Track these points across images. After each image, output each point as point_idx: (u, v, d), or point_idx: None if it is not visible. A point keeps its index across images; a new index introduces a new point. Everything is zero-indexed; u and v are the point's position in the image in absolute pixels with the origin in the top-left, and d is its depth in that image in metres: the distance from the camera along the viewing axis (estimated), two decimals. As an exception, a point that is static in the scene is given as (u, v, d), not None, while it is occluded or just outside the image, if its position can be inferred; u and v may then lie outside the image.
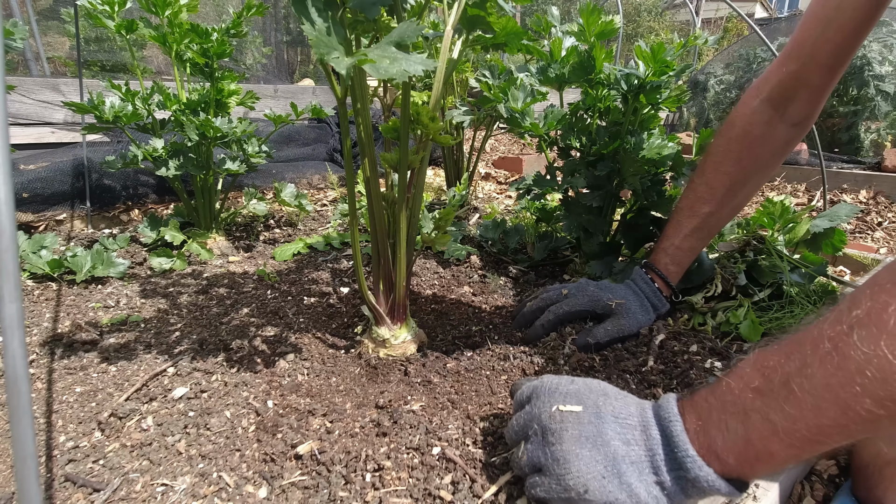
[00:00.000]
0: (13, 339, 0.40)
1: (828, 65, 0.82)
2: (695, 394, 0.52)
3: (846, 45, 0.79)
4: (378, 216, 0.83)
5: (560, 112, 1.24)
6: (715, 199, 0.92)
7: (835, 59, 0.81)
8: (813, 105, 0.87)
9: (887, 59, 2.98)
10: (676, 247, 0.96)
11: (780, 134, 0.88)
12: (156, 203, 1.93)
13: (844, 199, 2.41)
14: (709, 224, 0.94)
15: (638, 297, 0.96)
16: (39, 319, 1.08)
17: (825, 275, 1.06)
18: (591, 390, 0.57)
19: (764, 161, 0.91)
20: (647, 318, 0.95)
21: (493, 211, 1.91)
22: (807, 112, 0.87)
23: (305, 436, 0.70)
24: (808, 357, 0.43)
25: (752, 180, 0.93)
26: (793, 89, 0.85)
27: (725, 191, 0.91)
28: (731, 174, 0.91)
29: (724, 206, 0.93)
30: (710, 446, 0.47)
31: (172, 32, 1.38)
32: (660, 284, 0.98)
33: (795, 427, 0.43)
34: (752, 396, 0.46)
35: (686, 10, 9.13)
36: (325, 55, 0.54)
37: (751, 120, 0.89)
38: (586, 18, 1.14)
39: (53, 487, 0.63)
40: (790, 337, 0.47)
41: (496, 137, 3.97)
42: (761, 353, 0.48)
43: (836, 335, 0.42)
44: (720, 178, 0.92)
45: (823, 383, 0.41)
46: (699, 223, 0.94)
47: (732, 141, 0.91)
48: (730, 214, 0.96)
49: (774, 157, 0.92)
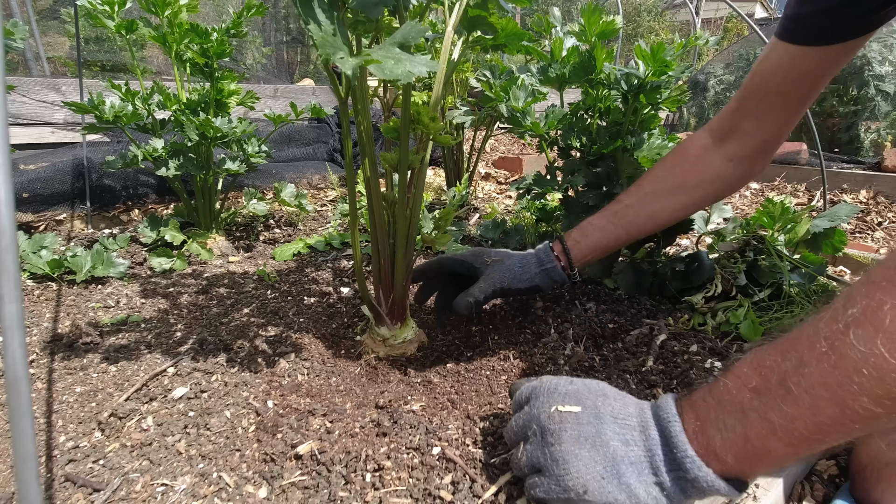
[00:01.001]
0: (13, 339, 0.40)
1: (754, 114, 0.86)
2: (693, 394, 0.52)
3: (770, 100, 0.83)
4: (378, 216, 0.83)
5: (561, 112, 1.24)
6: (637, 194, 0.96)
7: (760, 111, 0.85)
8: (745, 148, 0.89)
9: (887, 59, 2.98)
10: (590, 222, 0.98)
11: (715, 163, 0.91)
12: (156, 203, 1.93)
13: (844, 199, 2.41)
14: (624, 212, 0.96)
15: (523, 254, 0.98)
16: (39, 319, 1.08)
17: (825, 275, 1.06)
18: (590, 391, 0.57)
19: (691, 182, 0.94)
20: (527, 271, 0.95)
21: (493, 211, 1.91)
22: (740, 152, 0.90)
23: (305, 436, 0.70)
24: (805, 356, 0.43)
25: (675, 195, 0.95)
26: (727, 127, 0.90)
27: (650, 191, 0.95)
28: (658, 177, 0.95)
29: (642, 204, 0.95)
30: (709, 446, 0.47)
31: (172, 32, 1.38)
32: (558, 250, 0.97)
33: (793, 426, 0.43)
34: (750, 396, 0.46)
35: (686, 10, 9.13)
36: (330, 55, 0.54)
37: (692, 140, 0.94)
38: (587, 18, 1.14)
39: (53, 487, 0.63)
40: (786, 335, 0.47)
41: (496, 137, 3.97)
42: (758, 352, 0.48)
43: (833, 334, 0.42)
44: (650, 179, 0.96)
45: (821, 382, 0.41)
46: (617, 209, 0.97)
47: (672, 153, 0.97)
48: (647, 219, 0.97)
49: (703, 185, 0.94)
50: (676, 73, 1.05)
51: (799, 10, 0.75)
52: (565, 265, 0.96)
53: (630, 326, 1.00)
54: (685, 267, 1.12)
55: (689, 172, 0.93)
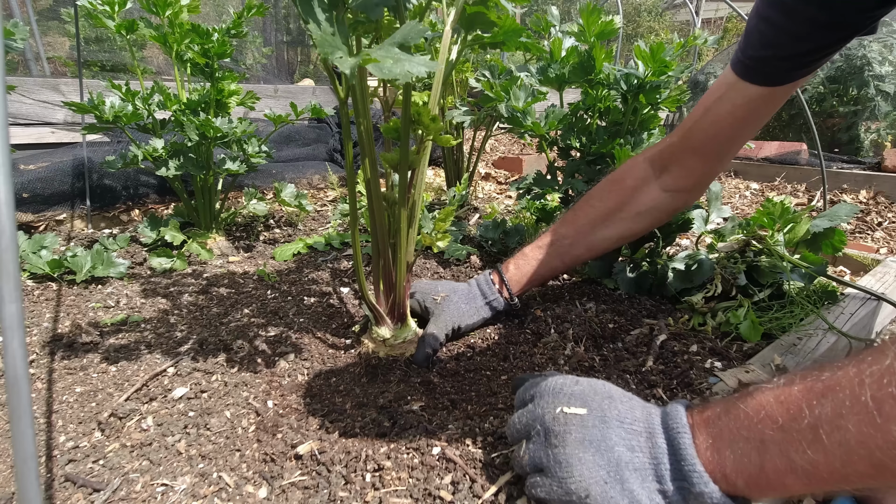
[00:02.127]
0: (13, 339, 0.40)
1: (699, 150, 0.85)
2: (706, 409, 0.51)
3: (718, 137, 0.83)
4: (378, 216, 0.83)
5: (561, 112, 1.24)
6: (575, 224, 0.97)
7: (706, 147, 0.84)
8: (685, 180, 0.89)
9: (887, 59, 2.98)
10: (523, 253, 1.00)
11: (652, 194, 0.92)
12: (156, 203, 1.93)
13: (844, 199, 2.41)
14: (560, 244, 0.97)
15: (468, 289, 0.98)
16: (39, 319, 1.08)
17: (825, 275, 1.06)
18: (597, 392, 0.56)
19: (629, 213, 0.93)
20: (474, 307, 0.96)
21: (493, 211, 1.91)
22: (679, 184, 0.90)
23: (305, 436, 0.70)
24: (845, 409, 0.41)
25: (611, 225, 0.95)
26: (667, 160, 0.90)
27: (585, 222, 0.96)
28: (595, 208, 0.95)
29: (580, 235, 0.96)
30: (720, 465, 0.47)
31: (173, 32, 1.38)
32: (494, 278, 1.00)
33: (817, 471, 0.42)
34: (773, 430, 0.45)
35: (686, 10, 9.13)
36: (329, 55, 0.54)
37: (630, 170, 0.94)
38: (586, 18, 1.14)
39: (53, 487, 0.63)
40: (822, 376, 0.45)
41: (496, 137, 3.97)
42: (787, 388, 0.46)
43: (882, 396, 0.39)
44: (586, 208, 0.96)
45: (858, 440, 0.39)
46: (552, 239, 0.98)
47: (608, 181, 0.96)
48: (585, 250, 0.98)
49: (641, 215, 0.94)
50: (676, 73, 1.05)
51: (766, 52, 0.73)
52: (506, 296, 0.99)
53: (630, 326, 1.00)
54: (685, 267, 1.12)
55: (627, 203, 0.93)
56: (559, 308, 1.05)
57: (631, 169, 0.94)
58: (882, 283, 1.15)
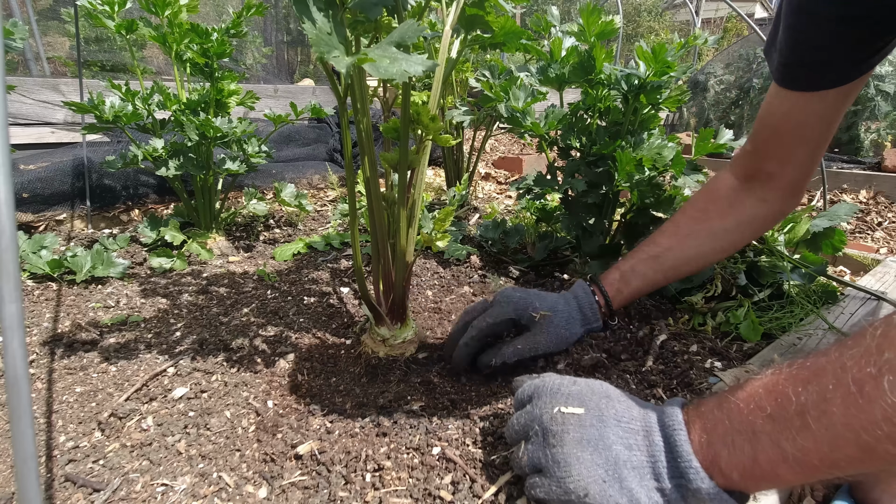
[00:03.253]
0: (13, 339, 0.40)
1: (774, 156, 0.83)
2: (701, 404, 0.52)
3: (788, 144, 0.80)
4: (378, 216, 0.83)
5: (561, 112, 1.24)
6: (676, 235, 0.92)
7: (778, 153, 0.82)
8: (774, 188, 0.86)
9: (887, 60, 2.98)
10: (631, 267, 0.92)
11: (748, 203, 0.88)
12: (156, 203, 1.93)
13: (844, 199, 2.41)
14: (665, 256, 0.91)
15: (568, 309, 0.88)
16: (39, 319, 1.08)
17: (825, 275, 1.06)
18: (594, 392, 0.56)
19: (729, 223, 0.89)
20: (572, 332, 0.87)
21: (493, 211, 1.91)
22: (771, 193, 0.86)
23: (305, 436, 0.70)
24: (829, 392, 0.42)
25: (714, 237, 0.90)
26: (752, 170, 0.86)
27: (687, 232, 0.91)
28: (694, 219, 0.91)
29: (683, 245, 0.91)
30: (715, 460, 0.47)
31: (172, 32, 1.38)
32: (600, 299, 0.91)
33: (807, 458, 0.42)
34: (763, 420, 0.45)
35: (686, 10, 9.13)
36: (325, 54, 0.54)
37: (722, 179, 0.91)
38: (586, 18, 1.14)
39: (53, 487, 0.63)
40: (806, 363, 0.45)
41: (496, 137, 3.97)
42: (775, 377, 0.47)
43: (863, 377, 0.40)
44: (685, 219, 0.92)
45: (844, 422, 0.40)
46: (657, 252, 0.92)
47: (704, 192, 0.93)
48: (685, 261, 0.91)
49: (740, 226, 0.89)
50: (678, 74, 1.05)
51: (790, 58, 0.72)
52: (605, 313, 0.93)
53: (630, 326, 1.00)
54: (685, 267, 1.12)
55: (726, 214, 0.89)
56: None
57: (721, 181, 0.91)
58: (882, 283, 1.15)
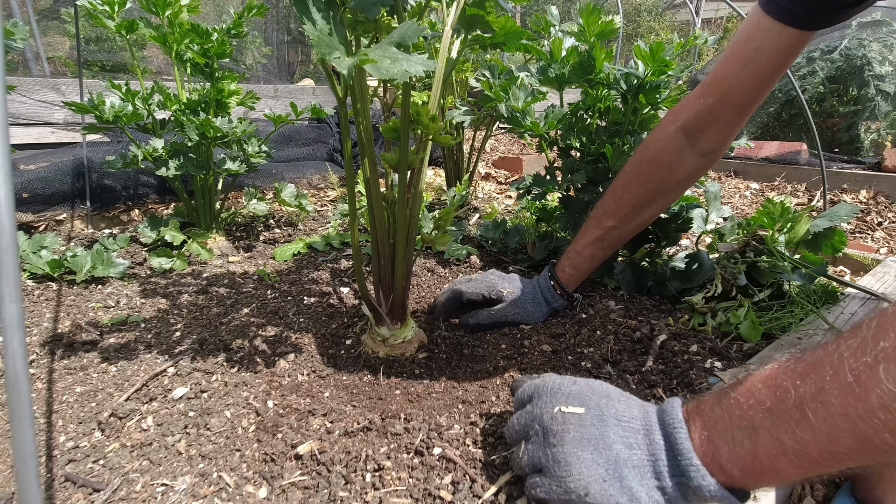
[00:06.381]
0: (13, 339, 0.40)
1: (740, 103, 0.85)
2: (700, 401, 0.52)
3: (759, 87, 0.83)
4: (378, 216, 0.83)
5: (560, 112, 1.24)
6: (619, 215, 0.97)
7: (747, 99, 0.85)
8: (723, 139, 0.90)
9: (887, 59, 2.98)
10: (577, 252, 1.02)
11: (689, 162, 0.92)
12: (156, 203, 1.93)
13: (844, 199, 2.41)
14: (610, 236, 0.99)
15: (533, 292, 1.04)
16: (39, 319, 1.08)
17: (825, 275, 1.06)
18: (594, 392, 0.56)
19: (670, 186, 0.94)
20: (537, 310, 1.02)
21: (493, 211, 1.91)
22: (716, 144, 0.90)
23: (305, 436, 0.70)
24: (827, 384, 0.42)
25: (656, 202, 0.97)
26: (706, 122, 0.89)
27: (630, 209, 0.96)
28: (637, 194, 0.95)
29: (627, 222, 0.98)
30: (715, 457, 0.47)
31: (173, 32, 1.38)
32: (555, 284, 1.04)
33: (807, 451, 0.42)
34: (762, 414, 0.45)
35: (686, 10, 9.12)
36: (326, 55, 0.54)
37: (663, 146, 0.93)
38: (586, 18, 1.14)
39: (53, 487, 0.63)
40: (804, 357, 0.45)
41: (496, 137, 3.97)
42: (773, 371, 0.47)
43: (860, 367, 0.40)
44: (627, 196, 0.96)
45: (841, 413, 0.40)
46: (601, 234, 0.99)
47: (643, 163, 0.95)
48: (632, 231, 1.00)
49: (680, 184, 0.95)
50: (676, 73, 1.05)
51: None
52: (562, 295, 1.05)
53: (630, 326, 1.00)
54: (685, 267, 1.12)
55: (667, 178, 0.93)
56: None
57: (664, 142, 0.92)
58: (882, 283, 1.15)
